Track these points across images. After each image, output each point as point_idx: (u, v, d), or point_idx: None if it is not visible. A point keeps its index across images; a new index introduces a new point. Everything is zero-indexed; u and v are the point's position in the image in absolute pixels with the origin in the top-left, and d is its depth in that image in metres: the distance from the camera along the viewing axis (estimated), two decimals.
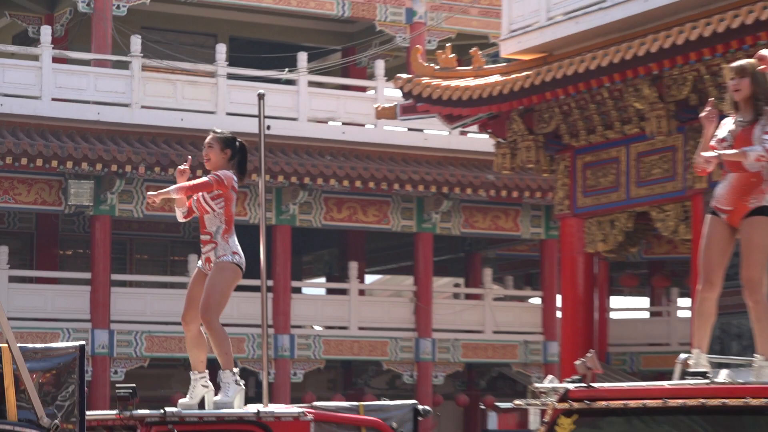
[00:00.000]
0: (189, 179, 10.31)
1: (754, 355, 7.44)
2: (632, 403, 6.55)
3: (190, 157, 10.85)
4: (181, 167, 10.39)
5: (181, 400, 10.27)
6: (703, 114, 7.61)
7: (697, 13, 19.88)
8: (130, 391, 9.98)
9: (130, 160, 28.60)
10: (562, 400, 6.86)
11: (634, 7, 20.98)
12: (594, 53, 21.13)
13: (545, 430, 6.81)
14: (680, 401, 6.33)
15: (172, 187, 10.22)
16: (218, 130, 10.51)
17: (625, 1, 21.14)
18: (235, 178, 10.26)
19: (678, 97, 20.71)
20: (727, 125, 7.94)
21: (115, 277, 30.77)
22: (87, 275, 30.08)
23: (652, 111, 20.97)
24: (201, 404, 10.32)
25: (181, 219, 10.55)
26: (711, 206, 7.92)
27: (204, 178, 10.19)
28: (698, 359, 7.43)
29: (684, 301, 33.62)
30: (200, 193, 10.21)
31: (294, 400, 26.46)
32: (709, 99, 7.47)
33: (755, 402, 6.01)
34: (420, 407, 10.80)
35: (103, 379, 29.03)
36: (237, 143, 10.38)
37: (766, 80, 7.84)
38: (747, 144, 7.76)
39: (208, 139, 10.39)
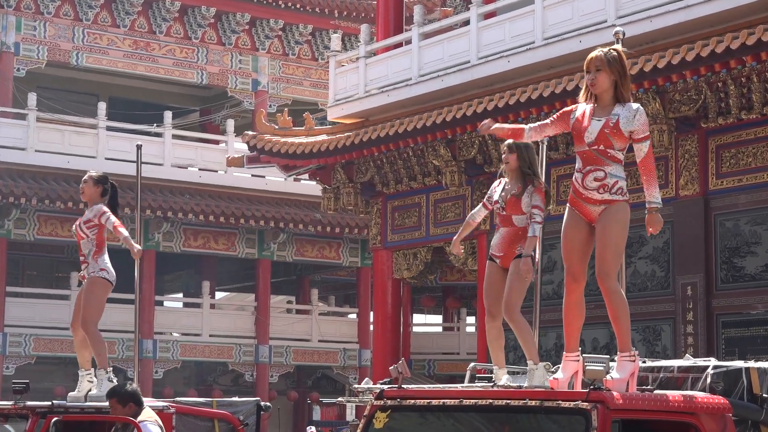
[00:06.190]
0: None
1: (527, 362, 7.52)
2: (434, 402, 6.58)
3: None
4: None
5: (70, 393, 10.05)
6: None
7: (482, 91, 20.13)
8: (24, 385, 9.73)
9: (24, 194, 28.18)
10: (378, 398, 6.84)
11: (433, 84, 21.14)
12: (401, 120, 21.25)
13: (364, 423, 6.79)
14: (472, 401, 6.38)
15: (122, 231, 9.90)
16: (93, 172, 10.43)
17: (426, 81, 21.30)
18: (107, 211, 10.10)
19: (467, 156, 20.90)
20: (500, 188, 8.01)
21: (10, 289, 30.19)
22: None
23: (447, 167, 21.12)
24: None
25: None
26: (489, 254, 7.97)
27: (116, 221, 9.97)
28: (499, 373, 7.49)
29: (470, 319, 33.89)
30: (78, 221, 10.08)
31: (155, 394, 26.07)
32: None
33: (532, 402, 6.09)
34: (262, 403, 10.70)
35: None
36: (108, 182, 10.27)
37: (530, 156, 7.92)
38: (517, 209, 7.83)
39: (84, 177, 10.31)
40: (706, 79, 17.02)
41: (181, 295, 37.93)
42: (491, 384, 7.25)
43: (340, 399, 10.24)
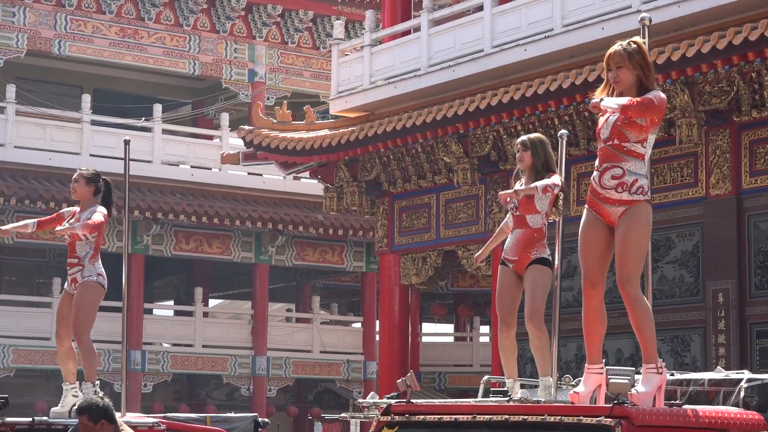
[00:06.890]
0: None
1: (541, 377, 7.57)
2: (445, 417, 6.61)
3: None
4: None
5: (53, 409, 10.07)
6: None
7: (497, 83, 20.16)
8: (3, 400, 9.75)
9: (3, 193, 28.24)
10: (385, 413, 6.87)
11: (444, 75, 21.19)
12: (409, 113, 21.29)
13: None
14: (486, 416, 6.40)
15: (78, 224, 9.98)
16: (84, 168, 10.44)
17: (437, 71, 21.34)
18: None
19: (480, 153, 20.93)
20: (517, 187, 8.06)
21: None
22: None
23: (459, 164, 21.16)
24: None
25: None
26: (502, 258, 8.01)
27: (99, 218, 10.01)
28: (513, 387, 7.53)
29: (484, 329, 33.94)
30: (71, 221, 10.10)
31: (144, 409, 26.13)
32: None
33: (551, 418, 6.11)
34: (260, 419, 10.74)
35: None
36: (101, 180, 10.30)
37: (545, 153, 7.98)
38: (531, 207, 7.89)
39: (75, 176, 10.34)
40: (738, 69, 17.01)
41: (171, 302, 37.98)
42: (507, 398, 7.27)
43: (343, 415, 10.23)
